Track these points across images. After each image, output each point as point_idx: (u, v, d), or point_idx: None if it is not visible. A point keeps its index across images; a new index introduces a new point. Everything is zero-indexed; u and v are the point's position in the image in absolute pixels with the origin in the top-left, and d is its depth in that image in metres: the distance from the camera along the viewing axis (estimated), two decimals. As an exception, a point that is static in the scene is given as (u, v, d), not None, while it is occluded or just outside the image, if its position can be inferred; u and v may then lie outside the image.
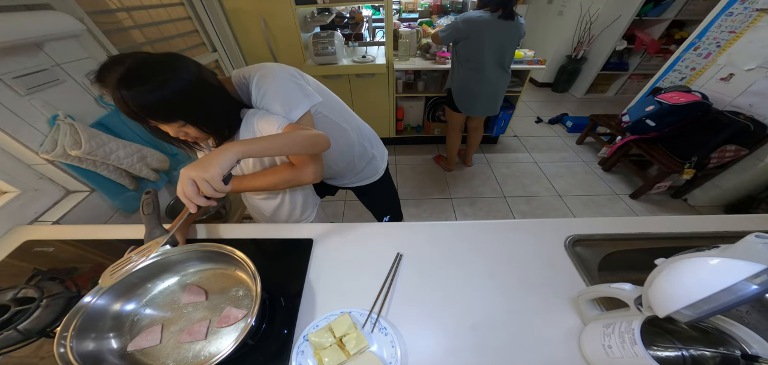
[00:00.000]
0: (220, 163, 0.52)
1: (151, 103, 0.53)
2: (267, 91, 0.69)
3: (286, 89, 0.70)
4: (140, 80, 0.52)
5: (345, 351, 0.55)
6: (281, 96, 0.69)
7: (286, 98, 0.69)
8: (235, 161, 0.54)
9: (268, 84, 0.69)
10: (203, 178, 0.51)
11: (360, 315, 0.61)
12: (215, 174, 0.51)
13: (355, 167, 1.05)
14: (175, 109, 0.57)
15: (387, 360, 0.54)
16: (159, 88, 0.53)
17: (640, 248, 0.77)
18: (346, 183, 1.12)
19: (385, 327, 0.59)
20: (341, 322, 0.57)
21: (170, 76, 0.55)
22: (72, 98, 0.99)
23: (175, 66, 0.56)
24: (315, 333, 0.57)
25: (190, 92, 0.58)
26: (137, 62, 0.53)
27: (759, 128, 1.68)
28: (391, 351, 0.55)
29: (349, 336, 0.56)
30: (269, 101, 0.69)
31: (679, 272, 0.37)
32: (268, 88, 0.69)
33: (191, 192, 0.51)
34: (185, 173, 0.51)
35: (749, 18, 1.73)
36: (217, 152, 0.54)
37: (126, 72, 0.52)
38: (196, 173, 0.51)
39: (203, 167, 0.51)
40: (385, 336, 0.58)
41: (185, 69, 0.57)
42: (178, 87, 0.55)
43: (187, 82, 0.57)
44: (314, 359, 0.55)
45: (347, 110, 0.98)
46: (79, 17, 1.01)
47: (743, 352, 0.41)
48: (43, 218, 0.95)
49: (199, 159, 0.53)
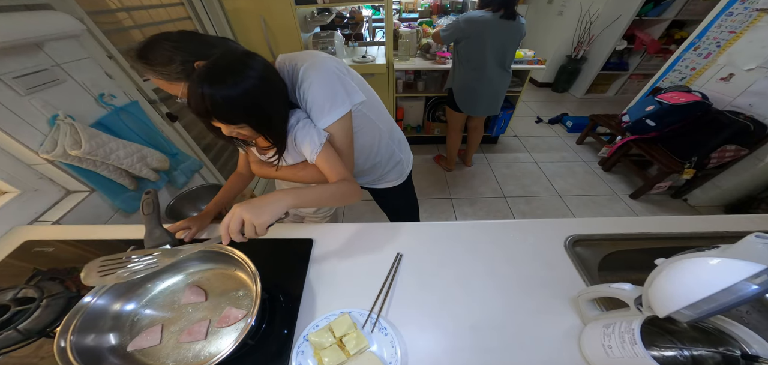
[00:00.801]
0: (272, 212, 0.56)
1: (225, 101, 0.53)
2: (313, 82, 0.66)
3: (331, 85, 0.68)
4: (220, 79, 0.53)
5: (345, 351, 0.55)
6: (325, 91, 0.67)
7: (330, 94, 0.68)
8: (284, 212, 0.57)
9: (315, 76, 0.66)
10: (253, 223, 0.54)
11: (360, 315, 0.61)
12: (265, 222, 0.55)
13: (380, 168, 1.02)
14: (242, 110, 0.57)
15: (387, 360, 0.54)
16: (233, 88, 0.53)
17: (640, 248, 0.77)
18: (367, 183, 1.10)
19: (385, 327, 0.59)
20: (341, 322, 0.57)
21: (245, 78, 0.55)
22: (72, 98, 0.99)
23: (251, 66, 0.57)
24: (315, 333, 0.57)
25: (260, 99, 0.58)
26: (216, 62, 0.55)
27: (759, 128, 1.68)
28: (391, 351, 0.55)
29: (349, 336, 0.56)
30: (314, 93, 0.67)
31: (679, 272, 0.37)
32: (313, 79, 0.66)
33: (235, 229, 0.54)
34: (239, 211, 0.54)
35: (749, 18, 1.73)
36: (271, 200, 0.57)
37: (211, 67, 0.53)
38: (249, 216, 0.54)
39: (257, 212, 0.54)
40: (385, 336, 0.58)
41: (260, 71, 0.58)
42: (248, 89, 0.55)
43: (255, 86, 0.56)
44: (314, 359, 0.55)
45: (383, 110, 0.95)
46: (79, 17, 1.01)
47: (743, 352, 0.41)
48: (43, 218, 0.95)
49: (255, 200, 0.56)
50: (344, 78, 0.70)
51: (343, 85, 0.69)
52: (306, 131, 0.68)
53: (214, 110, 0.54)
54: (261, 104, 0.58)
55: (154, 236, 0.66)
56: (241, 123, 0.58)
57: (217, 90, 0.53)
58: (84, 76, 1.02)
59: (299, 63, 0.67)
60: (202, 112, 0.54)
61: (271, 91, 0.61)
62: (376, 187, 1.11)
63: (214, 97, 0.52)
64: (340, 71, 0.70)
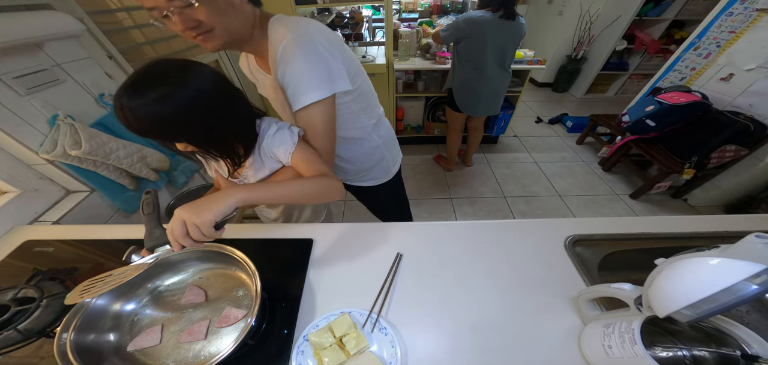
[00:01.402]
0: (216, 209, 0.51)
1: (148, 117, 0.49)
2: (294, 58, 0.61)
3: (314, 64, 0.62)
4: (141, 93, 0.48)
5: (345, 351, 0.55)
6: (306, 70, 0.61)
7: (311, 74, 0.62)
8: (233, 209, 0.53)
9: (298, 51, 0.61)
10: (193, 222, 0.49)
11: (360, 315, 0.61)
12: (207, 220, 0.50)
13: (360, 164, 0.97)
14: (174, 128, 0.53)
15: (387, 360, 0.54)
16: (159, 103, 0.49)
17: (640, 248, 0.77)
18: (346, 179, 1.04)
19: (385, 327, 0.59)
20: (341, 322, 0.57)
21: (176, 91, 0.50)
22: (72, 98, 0.99)
23: (185, 78, 0.51)
24: (315, 333, 0.57)
25: (195, 112, 0.53)
26: (145, 69, 0.50)
27: (759, 128, 1.68)
28: (391, 351, 0.55)
29: (349, 336, 0.56)
30: (292, 70, 0.62)
31: (679, 272, 0.37)
32: (296, 55, 0.61)
33: (179, 233, 0.50)
34: (178, 212, 0.50)
35: (749, 18, 1.73)
36: (215, 197, 0.52)
37: (131, 82, 0.49)
38: (188, 215, 0.49)
39: (197, 210, 0.50)
40: (385, 336, 0.58)
41: (198, 82, 0.53)
42: (181, 104, 0.50)
43: (191, 100, 0.51)
44: (314, 359, 0.55)
45: (374, 102, 0.89)
46: (79, 17, 1.01)
47: (743, 352, 0.41)
48: (43, 218, 0.95)
49: (196, 201, 0.52)
50: (331, 61, 0.64)
51: (327, 67, 0.63)
52: (278, 135, 0.67)
53: (135, 124, 0.49)
54: (192, 118, 0.53)
55: (154, 236, 0.66)
56: (169, 137, 0.56)
57: (136, 102, 0.47)
58: (84, 76, 1.03)
59: (286, 32, 0.61)
60: (125, 125, 0.50)
61: (209, 103, 0.55)
62: (359, 185, 1.05)
63: (134, 110, 0.48)
64: (329, 51, 0.64)
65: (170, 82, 0.50)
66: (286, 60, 0.61)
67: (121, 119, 0.49)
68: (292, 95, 0.64)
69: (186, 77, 0.52)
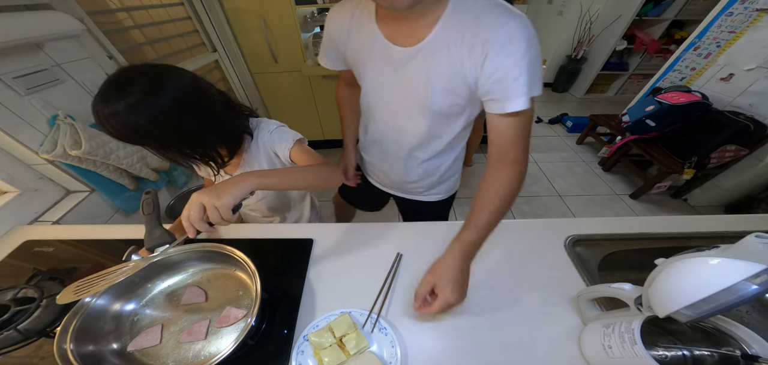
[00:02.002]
0: (234, 192, 0.51)
1: (123, 125, 0.50)
2: (522, 51, 0.50)
3: (539, 64, 0.53)
4: (115, 101, 0.48)
5: (345, 351, 0.55)
6: (536, 70, 0.52)
7: (539, 75, 0.53)
8: (248, 192, 0.53)
9: (530, 44, 0.51)
10: (213, 204, 0.49)
11: (360, 315, 0.61)
12: (227, 203, 0.50)
13: (442, 176, 0.86)
14: (150, 136, 0.54)
15: (387, 360, 0.54)
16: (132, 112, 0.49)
17: (640, 248, 0.77)
18: (411, 193, 0.94)
19: (385, 326, 0.59)
20: (341, 322, 0.57)
21: (148, 99, 0.50)
22: (72, 98, 0.99)
23: (158, 86, 0.51)
24: (315, 333, 0.57)
25: (170, 121, 0.53)
26: (117, 76, 0.50)
27: (759, 128, 1.68)
28: (391, 351, 0.55)
29: (349, 336, 0.56)
30: (518, 66, 0.50)
31: (679, 272, 0.37)
32: (525, 48, 0.50)
33: (196, 217, 0.49)
34: (196, 197, 0.50)
35: (749, 18, 1.73)
36: (231, 181, 0.52)
37: (106, 86, 0.49)
38: (208, 198, 0.49)
39: (216, 193, 0.50)
40: (385, 336, 0.58)
41: (172, 91, 0.53)
42: (153, 113, 0.51)
43: (163, 109, 0.52)
44: (314, 359, 0.55)
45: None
46: (79, 17, 1.01)
47: (743, 352, 0.41)
48: (43, 218, 0.95)
49: (214, 185, 0.52)
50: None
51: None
52: (278, 132, 0.72)
53: (113, 132, 0.50)
54: (166, 126, 0.54)
55: (154, 236, 0.66)
56: (148, 145, 0.56)
57: (108, 111, 0.48)
58: (84, 76, 1.03)
59: (513, 14, 0.52)
60: (105, 132, 0.51)
61: (185, 111, 0.56)
62: (421, 199, 0.94)
63: (108, 119, 0.48)
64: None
65: (142, 90, 0.50)
66: (516, 48, 0.49)
67: (100, 126, 0.50)
68: (507, 89, 0.51)
69: (159, 85, 0.52)
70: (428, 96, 0.61)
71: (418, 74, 0.59)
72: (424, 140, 0.73)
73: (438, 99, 0.61)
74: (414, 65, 0.59)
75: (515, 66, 0.50)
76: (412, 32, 0.56)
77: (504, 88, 0.52)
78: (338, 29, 0.68)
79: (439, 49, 0.55)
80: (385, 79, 0.65)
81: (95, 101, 0.49)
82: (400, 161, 0.81)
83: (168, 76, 0.54)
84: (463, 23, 0.52)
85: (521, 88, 0.50)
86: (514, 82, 0.50)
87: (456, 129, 0.71)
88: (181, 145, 0.60)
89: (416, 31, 0.55)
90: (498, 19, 0.50)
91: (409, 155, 0.78)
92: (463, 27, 0.52)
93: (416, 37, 0.56)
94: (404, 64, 0.60)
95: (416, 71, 0.59)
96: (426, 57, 0.56)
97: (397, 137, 0.76)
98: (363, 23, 0.63)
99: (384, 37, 0.60)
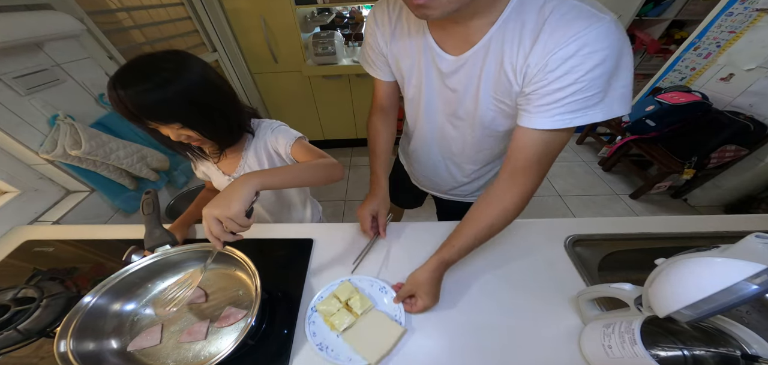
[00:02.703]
0: (241, 198, 0.51)
1: (151, 103, 0.53)
2: (619, 66, 0.43)
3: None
4: (140, 79, 0.52)
5: (353, 312, 0.60)
6: (629, 83, 0.45)
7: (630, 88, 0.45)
8: (254, 194, 0.53)
9: (626, 57, 0.44)
10: (227, 216, 0.49)
11: (359, 281, 0.67)
12: (238, 211, 0.50)
13: (489, 176, 0.80)
14: (175, 110, 0.57)
15: (392, 314, 0.60)
16: (160, 88, 0.53)
17: (640, 248, 0.77)
18: (458, 194, 0.88)
19: (384, 286, 0.65)
20: (343, 289, 0.63)
21: (172, 76, 0.54)
22: (72, 98, 0.99)
23: (178, 66, 0.56)
24: (322, 303, 0.62)
25: (193, 93, 0.57)
26: (137, 60, 0.54)
27: (759, 128, 1.68)
28: (394, 309, 0.61)
29: (353, 299, 0.62)
30: (608, 76, 0.43)
31: (679, 272, 0.37)
32: (622, 61, 0.43)
33: (218, 231, 0.50)
34: (208, 212, 0.50)
35: (749, 18, 1.73)
36: (235, 187, 0.52)
37: (124, 71, 0.53)
38: (220, 211, 0.49)
39: (225, 204, 0.50)
40: (385, 294, 0.64)
41: (189, 69, 0.57)
42: (180, 88, 0.55)
43: (190, 83, 0.56)
44: (325, 325, 0.60)
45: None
46: (79, 17, 1.02)
47: (743, 352, 0.41)
48: (43, 218, 0.95)
49: (219, 196, 0.52)
50: None
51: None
52: (280, 130, 0.74)
53: (140, 111, 0.53)
54: (195, 99, 0.58)
55: (154, 237, 0.66)
56: (175, 121, 0.58)
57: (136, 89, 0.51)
58: (84, 76, 1.03)
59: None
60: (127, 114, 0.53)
61: (208, 85, 0.60)
62: (466, 200, 0.89)
63: (133, 97, 0.51)
64: None
65: (174, 67, 0.55)
66: (596, 62, 0.41)
67: (121, 109, 0.53)
68: (559, 103, 0.45)
69: (186, 64, 0.57)
70: (478, 108, 0.57)
71: (469, 81, 0.55)
72: (473, 150, 0.70)
73: (488, 110, 0.57)
74: (465, 72, 0.55)
75: (572, 84, 0.43)
76: (465, 36, 0.51)
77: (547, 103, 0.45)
78: (382, 34, 0.64)
79: (493, 52, 0.50)
80: (432, 86, 0.62)
81: (117, 78, 0.52)
82: (445, 168, 0.80)
83: (192, 58, 0.59)
84: (524, 24, 0.45)
85: (569, 105, 0.44)
86: (566, 98, 0.44)
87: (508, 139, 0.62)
88: (198, 124, 0.61)
89: (469, 35, 0.51)
90: (574, 22, 0.41)
91: (456, 164, 0.77)
92: (522, 27, 0.45)
93: (469, 41, 0.51)
94: (454, 71, 0.56)
95: (467, 77, 0.55)
96: (477, 62, 0.52)
97: (444, 146, 0.74)
98: (410, 25, 0.58)
99: (434, 41, 0.56)
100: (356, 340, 0.57)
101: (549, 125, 0.46)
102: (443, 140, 0.73)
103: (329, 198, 2.29)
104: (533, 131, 0.49)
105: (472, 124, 0.63)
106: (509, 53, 0.48)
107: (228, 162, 0.78)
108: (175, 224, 0.80)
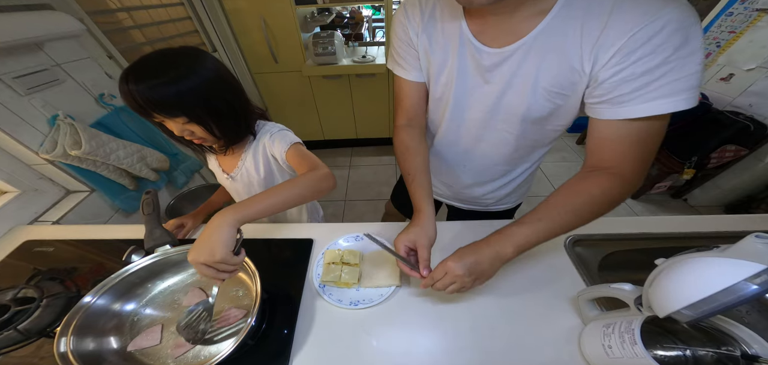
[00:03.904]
0: (221, 242, 0.49)
1: (159, 96, 0.54)
2: (693, 48, 0.39)
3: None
4: (153, 74, 0.53)
5: (353, 265, 0.67)
6: (699, 72, 0.41)
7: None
8: (235, 233, 0.52)
9: (697, 41, 0.39)
10: (215, 262, 0.49)
11: (344, 240, 0.76)
12: (223, 256, 0.49)
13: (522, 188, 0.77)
14: (183, 104, 0.57)
15: (378, 247, 0.60)
16: (172, 83, 0.54)
17: (640, 248, 0.77)
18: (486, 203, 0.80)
19: (358, 235, 0.74)
20: (329, 255, 0.70)
21: (186, 72, 0.56)
22: (72, 98, 0.99)
23: (193, 62, 0.57)
24: (325, 275, 0.66)
25: (205, 90, 0.58)
26: (153, 54, 0.56)
27: (759, 128, 1.68)
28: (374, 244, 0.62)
29: (344, 256, 0.69)
30: (680, 62, 0.39)
31: (679, 272, 0.37)
32: (694, 45, 0.39)
33: (212, 273, 0.50)
34: (195, 262, 0.49)
35: (749, 18, 1.73)
36: (213, 231, 0.50)
37: (137, 66, 0.54)
38: (206, 259, 0.49)
39: (209, 252, 0.48)
40: (360, 240, 0.73)
41: (204, 66, 0.59)
42: (192, 84, 0.56)
43: (202, 80, 0.58)
44: (339, 288, 0.65)
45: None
46: (79, 17, 1.02)
47: (743, 352, 0.41)
48: (43, 218, 0.95)
49: (200, 241, 0.50)
50: None
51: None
52: (279, 134, 0.73)
53: (147, 103, 0.54)
54: (205, 95, 0.59)
55: (154, 237, 0.66)
56: (182, 115, 0.59)
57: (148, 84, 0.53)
58: (84, 76, 1.03)
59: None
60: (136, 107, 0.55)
61: (221, 84, 0.62)
62: (492, 209, 0.83)
63: (145, 91, 0.53)
64: None
65: (190, 61, 0.57)
66: (680, 41, 0.37)
67: (131, 102, 0.54)
68: (648, 88, 0.40)
69: (200, 59, 0.59)
70: (525, 103, 0.52)
71: (514, 78, 0.51)
72: (508, 153, 0.65)
73: (539, 105, 0.52)
74: (509, 66, 0.50)
75: (660, 65, 0.38)
76: (508, 27, 0.47)
77: (634, 89, 0.41)
78: (413, 28, 0.58)
79: (549, 42, 0.45)
80: (465, 82, 0.56)
81: (132, 71, 0.53)
82: (470, 174, 0.73)
83: (206, 54, 0.61)
84: (589, 10, 0.41)
85: (660, 90, 0.40)
86: (655, 81, 0.39)
87: (552, 136, 0.60)
88: (205, 121, 0.62)
89: (513, 26, 0.46)
90: (645, 6, 0.38)
91: (484, 168, 0.71)
92: (588, 13, 0.41)
93: (514, 32, 0.47)
94: (497, 65, 0.51)
95: (510, 72, 0.50)
96: (526, 55, 0.47)
97: (475, 148, 0.68)
98: (444, 18, 0.54)
99: (472, 34, 0.51)
100: (373, 280, 0.65)
101: (641, 113, 0.42)
102: (472, 140, 0.66)
103: (329, 198, 2.29)
104: (622, 123, 0.44)
105: (515, 125, 0.58)
106: (572, 41, 0.43)
107: (228, 160, 0.79)
108: (175, 224, 0.80)
